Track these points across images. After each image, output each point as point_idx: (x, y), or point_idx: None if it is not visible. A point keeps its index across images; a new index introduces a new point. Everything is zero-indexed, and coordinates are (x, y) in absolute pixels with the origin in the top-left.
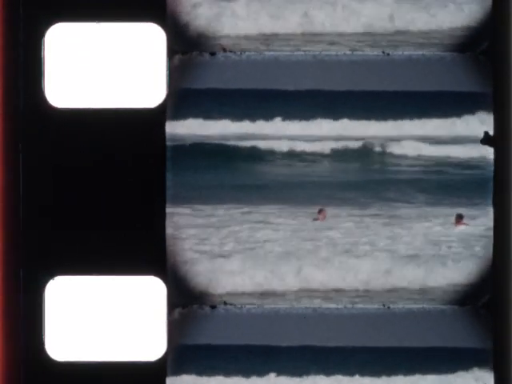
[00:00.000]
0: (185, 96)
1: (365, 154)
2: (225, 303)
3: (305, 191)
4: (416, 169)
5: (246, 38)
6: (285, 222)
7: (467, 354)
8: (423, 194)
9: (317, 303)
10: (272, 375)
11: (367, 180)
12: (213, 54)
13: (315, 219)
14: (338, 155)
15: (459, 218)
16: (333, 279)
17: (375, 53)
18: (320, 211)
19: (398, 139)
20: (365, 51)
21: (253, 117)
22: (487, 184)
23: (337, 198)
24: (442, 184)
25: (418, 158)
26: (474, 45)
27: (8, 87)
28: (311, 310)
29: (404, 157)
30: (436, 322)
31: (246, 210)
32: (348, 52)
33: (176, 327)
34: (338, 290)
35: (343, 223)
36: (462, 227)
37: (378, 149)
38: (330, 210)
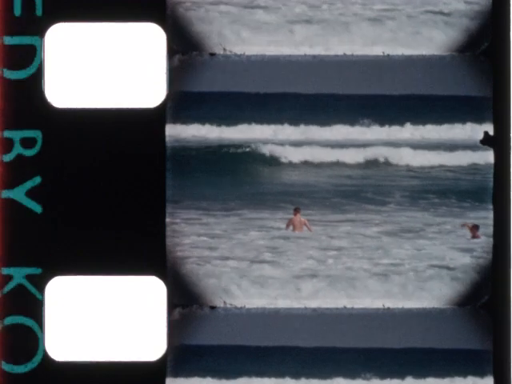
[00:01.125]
0: (185, 96)
1: (363, 161)
2: (224, 303)
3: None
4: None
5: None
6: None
7: (467, 354)
8: (421, 202)
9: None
10: (273, 376)
11: (365, 186)
12: (213, 54)
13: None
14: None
15: (474, 229)
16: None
17: (375, 53)
18: (296, 210)
19: (396, 144)
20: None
21: (251, 120)
22: (486, 191)
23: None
24: (440, 191)
25: (417, 164)
26: (474, 45)
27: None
28: (311, 310)
29: (404, 164)
30: (435, 322)
31: (247, 214)
32: (348, 52)
33: (176, 327)
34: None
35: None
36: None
37: (376, 156)
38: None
